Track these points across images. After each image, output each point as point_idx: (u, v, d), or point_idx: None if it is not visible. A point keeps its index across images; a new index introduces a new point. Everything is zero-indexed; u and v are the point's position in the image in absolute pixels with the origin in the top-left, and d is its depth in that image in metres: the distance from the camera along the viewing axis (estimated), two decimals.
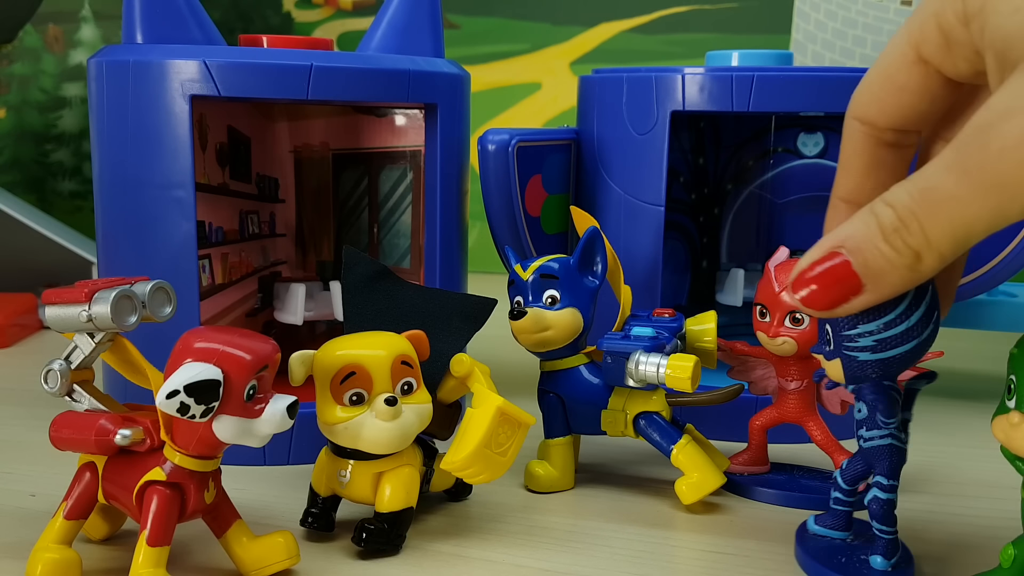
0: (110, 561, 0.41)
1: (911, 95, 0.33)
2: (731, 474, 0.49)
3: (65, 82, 1.13)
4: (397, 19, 0.57)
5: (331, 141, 0.64)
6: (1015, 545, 0.36)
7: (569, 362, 0.49)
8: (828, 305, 0.32)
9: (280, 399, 0.36)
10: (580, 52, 1.13)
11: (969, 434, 0.60)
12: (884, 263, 0.31)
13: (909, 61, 0.33)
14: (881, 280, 0.31)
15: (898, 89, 0.33)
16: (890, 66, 0.34)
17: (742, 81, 0.54)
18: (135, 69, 0.49)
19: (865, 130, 0.35)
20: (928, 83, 0.33)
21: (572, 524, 0.45)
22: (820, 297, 0.32)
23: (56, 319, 0.38)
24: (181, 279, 0.49)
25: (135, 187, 0.50)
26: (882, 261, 0.31)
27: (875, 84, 0.34)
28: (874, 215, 0.31)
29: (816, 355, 0.37)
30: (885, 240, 0.30)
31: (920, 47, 0.32)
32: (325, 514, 0.43)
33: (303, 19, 1.21)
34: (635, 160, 0.57)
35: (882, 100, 0.34)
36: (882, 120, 0.34)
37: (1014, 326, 0.64)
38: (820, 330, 0.37)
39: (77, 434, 0.38)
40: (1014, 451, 0.34)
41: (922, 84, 0.33)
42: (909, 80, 0.33)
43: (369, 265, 0.46)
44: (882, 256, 0.31)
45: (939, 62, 0.32)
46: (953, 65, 0.32)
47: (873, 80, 0.34)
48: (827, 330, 0.36)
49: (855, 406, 0.40)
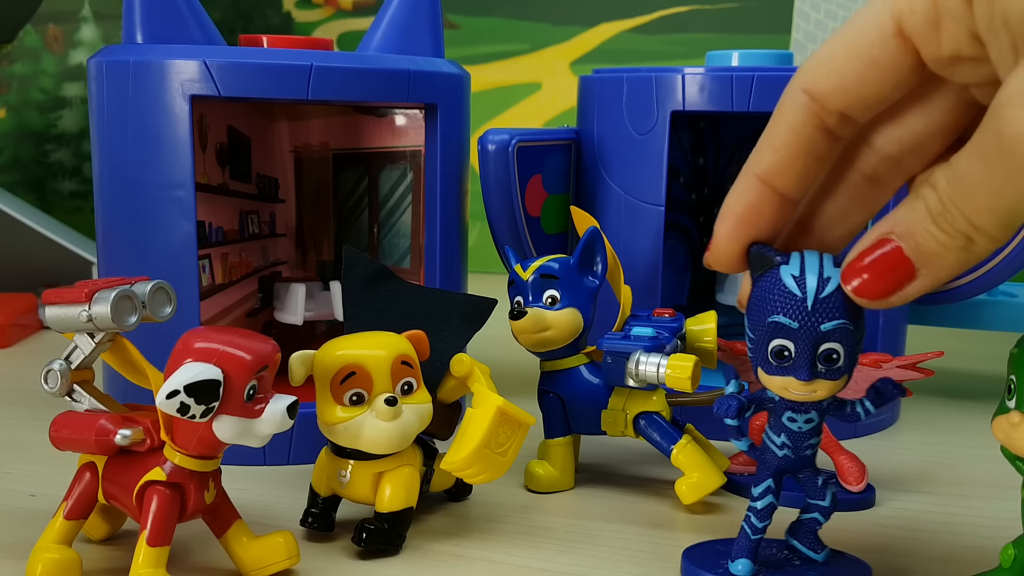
0: (110, 561, 0.41)
1: (878, 72, 0.30)
2: (731, 474, 0.49)
3: (65, 82, 1.13)
4: (397, 19, 0.57)
5: (331, 141, 0.64)
6: (1015, 545, 0.36)
7: (569, 362, 0.49)
8: (882, 293, 0.31)
9: (280, 399, 0.36)
10: (580, 52, 1.13)
11: (969, 434, 0.60)
12: (937, 246, 0.29)
13: (886, 33, 0.30)
14: (935, 263, 0.30)
15: (866, 63, 0.30)
16: (861, 37, 0.30)
17: (742, 81, 0.54)
18: (135, 69, 0.49)
19: (811, 106, 0.31)
20: (900, 62, 0.30)
21: (572, 524, 0.45)
22: (873, 286, 0.31)
23: (56, 319, 0.38)
24: (181, 279, 0.49)
25: (135, 187, 0.50)
26: (934, 244, 0.29)
27: (839, 55, 0.31)
28: (921, 199, 0.29)
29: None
30: (935, 223, 0.29)
31: (903, 19, 0.29)
32: (325, 514, 0.43)
33: (303, 19, 1.21)
34: (635, 160, 0.57)
35: (843, 73, 0.31)
36: (835, 98, 0.31)
37: (1014, 326, 0.64)
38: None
39: (77, 434, 0.38)
40: (1014, 451, 0.33)
41: (893, 62, 0.30)
42: (882, 55, 0.30)
43: (369, 265, 0.46)
44: (934, 239, 0.29)
45: (922, 39, 0.29)
46: (936, 45, 0.29)
47: (837, 50, 0.31)
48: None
49: None
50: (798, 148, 0.32)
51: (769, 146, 0.33)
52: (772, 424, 0.38)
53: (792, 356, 0.34)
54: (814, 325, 0.33)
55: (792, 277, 0.33)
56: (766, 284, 0.34)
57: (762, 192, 0.33)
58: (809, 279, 0.33)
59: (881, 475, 0.52)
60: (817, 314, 0.33)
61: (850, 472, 0.48)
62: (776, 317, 0.34)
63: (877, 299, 0.31)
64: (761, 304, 0.34)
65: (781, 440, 0.38)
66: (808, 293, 0.33)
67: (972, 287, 0.58)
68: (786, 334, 0.34)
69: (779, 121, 0.32)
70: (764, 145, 0.33)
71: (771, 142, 0.33)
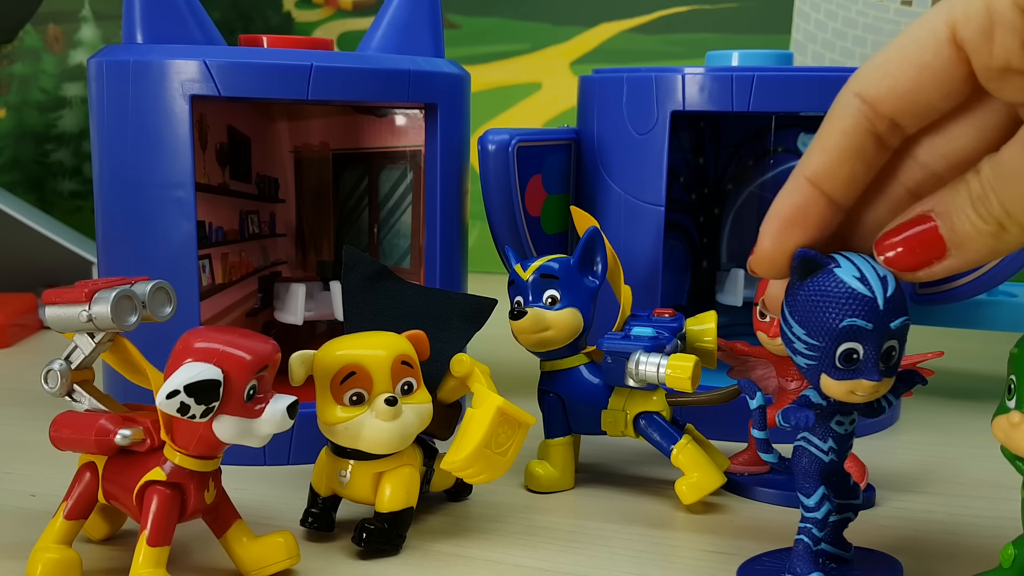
0: (110, 561, 0.41)
1: (931, 78, 0.31)
2: (731, 474, 0.49)
3: (65, 82, 1.13)
4: (397, 19, 0.57)
5: (331, 141, 0.64)
6: (1015, 545, 0.36)
7: (569, 362, 0.49)
8: (912, 267, 0.32)
9: (280, 399, 0.36)
10: (580, 52, 1.13)
11: (969, 434, 0.60)
12: (970, 228, 0.31)
13: (941, 40, 0.30)
14: (966, 246, 0.31)
15: (919, 68, 0.31)
16: (916, 43, 0.31)
17: (742, 81, 0.54)
18: (135, 69, 0.49)
19: (864, 110, 0.32)
20: (952, 71, 0.30)
21: (572, 524, 0.45)
22: (905, 258, 0.32)
23: (56, 319, 0.38)
24: (181, 279, 0.49)
25: (135, 187, 0.50)
26: (968, 226, 0.31)
27: (893, 60, 0.31)
28: (965, 182, 0.31)
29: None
30: (972, 207, 0.30)
31: (957, 27, 0.30)
32: (325, 514, 0.43)
33: (303, 19, 1.21)
34: (635, 160, 0.57)
35: (896, 77, 0.31)
36: (887, 103, 0.32)
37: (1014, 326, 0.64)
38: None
39: (77, 434, 0.38)
40: (1014, 451, 0.33)
41: (946, 69, 0.30)
42: (935, 60, 0.30)
43: (369, 265, 0.46)
44: (969, 221, 0.31)
45: (974, 47, 0.30)
46: (988, 54, 0.29)
47: (891, 55, 0.32)
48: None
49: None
50: (848, 151, 0.33)
51: (820, 148, 0.33)
52: (818, 430, 0.37)
53: (860, 358, 0.34)
54: (886, 324, 0.33)
55: (855, 279, 0.33)
56: (823, 288, 0.33)
57: (810, 194, 0.34)
58: (872, 279, 0.33)
59: (881, 475, 0.52)
60: (888, 313, 0.33)
61: (850, 472, 0.47)
62: (851, 320, 0.33)
63: (906, 271, 0.32)
64: (823, 309, 0.33)
65: (828, 445, 0.37)
66: (876, 293, 0.33)
67: (972, 287, 0.58)
68: (860, 336, 0.33)
69: (831, 124, 0.33)
70: (815, 147, 0.34)
71: (822, 144, 0.33)
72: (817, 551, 0.38)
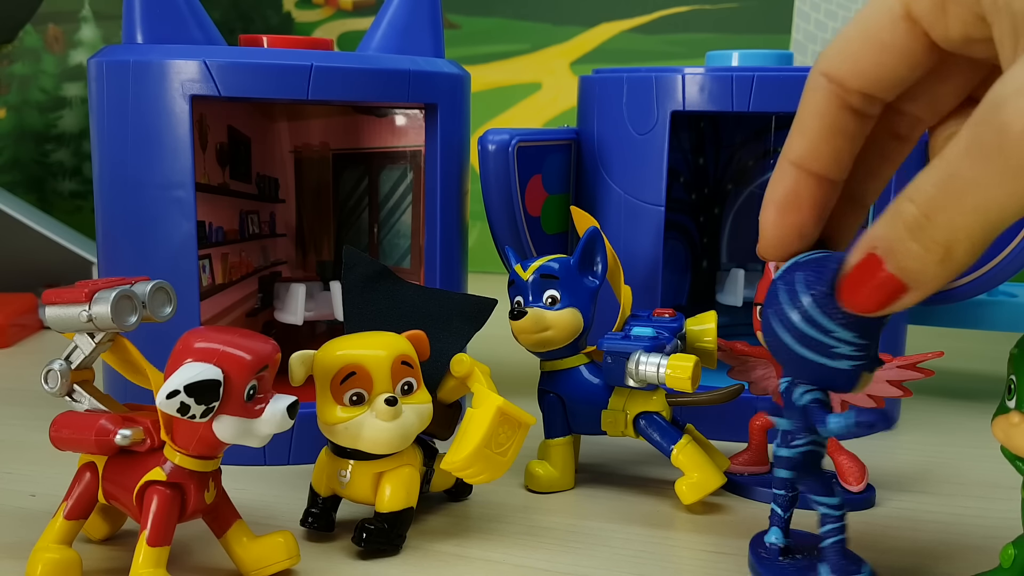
0: (110, 561, 0.41)
1: (891, 55, 0.31)
2: (731, 474, 0.49)
3: (65, 82, 1.13)
4: (397, 19, 0.57)
5: (331, 141, 0.64)
6: (1015, 545, 0.36)
7: (569, 362, 0.49)
8: (877, 307, 0.31)
9: (280, 399, 0.36)
10: (580, 52, 1.13)
11: (969, 434, 0.60)
12: (916, 263, 0.29)
13: (895, 16, 0.30)
14: (919, 278, 0.30)
15: (878, 47, 0.31)
16: (873, 21, 0.31)
17: (742, 81, 0.54)
18: (135, 69, 0.49)
19: (832, 89, 0.32)
20: (912, 45, 0.31)
21: (572, 524, 0.45)
22: (866, 302, 0.32)
23: (56, 319, 0.38)
24: (181, 279, 0.49)
25: (135, 187, 0.50)
26: (913, 261, 0.29)
27: (853, 40, 0.32)
28: (899, 213, 0.29)
29: None
30: (912, 238, 0.29)
31: (910, 4, 0.30)
32: (325, 514, 0.43)
33: (303, 19, 1.21)
34: (635, 160, 0.57)
35: (858, 58, 0.31)
36: (853, 80, 0.32)
37: (1014, 326, 0.64)
38: None
39: (77, 434, 0.38)
40: (1014, 451, 0.34)
41: (905, 45, 0.31)
42: (893, 38, 0.31)
43: (369, 265, 0.46)
44: (912, 255, 0.29)
45: (930, 22, 0.30)
46: (944, 28, 0.30)
47: (851, 35, 0.32)
48: None
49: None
50: (825, 130, 0.33)
51: (798, 132, 0.34)
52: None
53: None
54: None
55: None
56: None
57: (798, 177, 0.34)
58: None
59: (881, 475, 0.52)
60: None
61: (850, 472, 0.48)
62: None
63: (874, 311, 0.32)
64: None
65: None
66: None
67: (972, 287, 0.58)
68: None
69: (804, 107, 0.33)
70: (794, 132, 0.34)
71: (799, 128, 0.34)
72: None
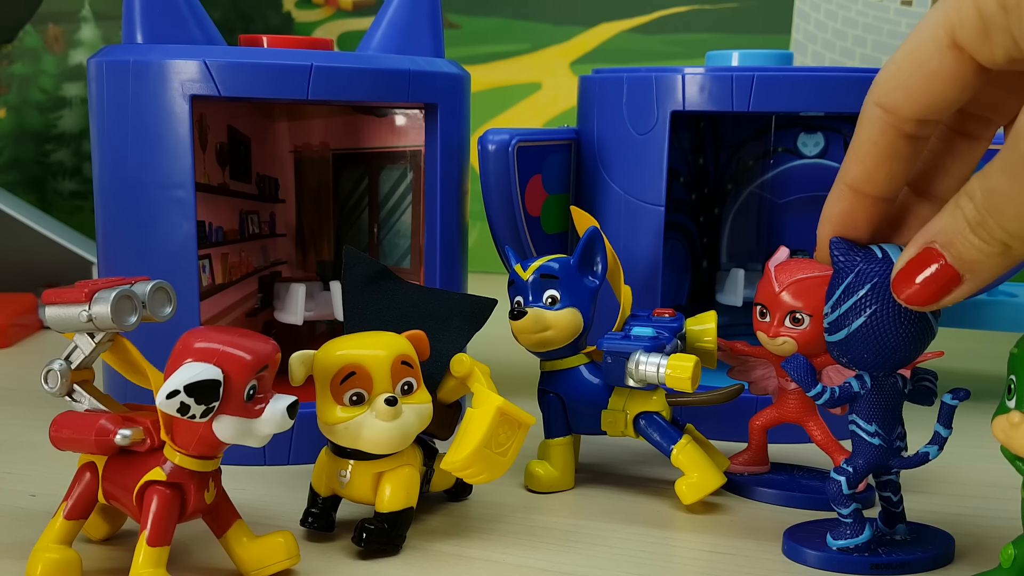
0: (110, 561, 0.41)
1: (942, 82, 0.32)
2: (731, 474, 0.49)
3: (65, 82, 1.13)
4: (397, 19, 0.57)
5: (331, 141, 0.64)
6: (1015, 545, 0.36)
7: (569, 362, 0.49)
8: (931, 299, 0.33)
9: (280, 399, 0.36)
10: (580, 52, 1.13)
11: (969, 434, 0.59)
12: (976, 253, 0.32)
13: (942, 46, 0.31)
14: (977, 269, 0.32)
15: (928, 75, 0.32)
16: (921, 51, 0.32)
17: (742, 81, 0.54)
18: (135, 69, 0.49)
19: (886, 119, 0.34)
20: (960, 70, 0.32)
21: (572, 524, 0.45)
22: (923, 295, 0.33)
23: (56, 319, 0.38)
24: (181, 279, 0.49)
25: (135, 187, 0.50)
26: (974, 252, 0.32)
27: (903, 70, 0.33)
28: (959, 208, 0.31)
29: None
30: (973, 232, 0.31)
31: (955, 32, 0.31)
32: (325, 514, 0.43)
33: (303, 19, 1.21)
34: (635, 160, 0.57)
35: (910, 86, 0.33)
36: (907, 108, 0.33)
37: (1014, 326, 0.64)
38: None
39: (77, 434, 0.38)
40: (1014, 451, 0.34)
41: (954, 71, 0.32)
42: (941, 66, 0.32)
43: (369, 265, 0.46)
44: (973, 247, 0.31)
45: (975, 48, 0.31)
46: (990, 52, 0.31)
47: (901, 65, 0.33)
48: None
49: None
50: (880, 157, 0.35)
51: (855, 158, 0.36)
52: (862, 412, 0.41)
53: None
54: None
55: None
56: None
57: (853, 199, 0.36)
58: None
59: None
60: None
61: None
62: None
63: (928, 304, 0.34)
64: None
65: (873, 428, 0.41)
66: None
67: None
68: None
69: (859, 135, 0.35)
70: (850, 157, 0.36)
71: (856, 155, 0.36)
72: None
